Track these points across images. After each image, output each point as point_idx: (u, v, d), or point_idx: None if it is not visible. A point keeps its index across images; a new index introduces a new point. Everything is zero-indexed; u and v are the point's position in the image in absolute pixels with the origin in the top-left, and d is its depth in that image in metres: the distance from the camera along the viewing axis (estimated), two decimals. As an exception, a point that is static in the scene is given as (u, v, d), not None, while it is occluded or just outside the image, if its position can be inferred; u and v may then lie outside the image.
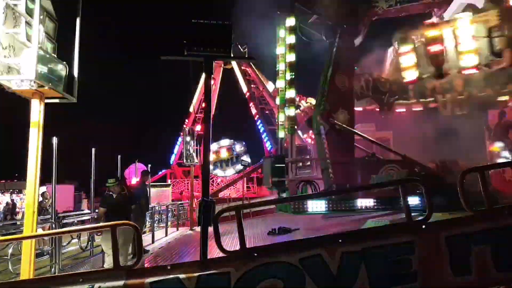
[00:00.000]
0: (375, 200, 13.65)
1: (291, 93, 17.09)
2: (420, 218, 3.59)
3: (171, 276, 3.29)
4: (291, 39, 17.06)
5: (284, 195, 16.67)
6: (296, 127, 19.18)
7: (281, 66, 18.54)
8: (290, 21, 17.01)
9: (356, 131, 16.94)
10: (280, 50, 18.43)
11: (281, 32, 18.21)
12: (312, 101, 26.79)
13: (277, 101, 18.80)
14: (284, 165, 16.03)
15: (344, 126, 15.97)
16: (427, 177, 15.27)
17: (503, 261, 3.35)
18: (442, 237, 3.41)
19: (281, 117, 17.97)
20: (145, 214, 11.84)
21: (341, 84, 16.48)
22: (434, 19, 20.11)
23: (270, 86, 41.94)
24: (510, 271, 3.34)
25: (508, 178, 17.30)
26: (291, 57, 17.12)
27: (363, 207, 13.69)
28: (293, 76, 17.19)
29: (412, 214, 3.60)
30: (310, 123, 18.17)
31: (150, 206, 13.42)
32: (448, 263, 3.36)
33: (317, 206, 13.67)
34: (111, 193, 7.62)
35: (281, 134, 17.93)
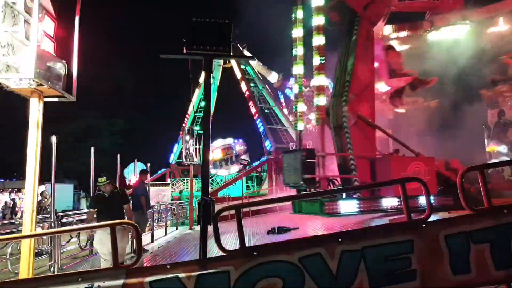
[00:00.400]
0: (398, 199, 13.44)
1: (320, 80, 15.71)
2: (419, 216, 3.60)
3: (171, 275, 3.29)
4: (319, 19, 15.62)
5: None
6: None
7: (299, 51, 17.26)
8: (319, 0, 15.62)
9: (377, 125, 16.29)
10: (297, 32, 16.85)
11: (299, 13, 16.86)
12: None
13: (295, 89, 17.77)
14: (315, 160, 14.99)
15: (369, 120, 15.38)
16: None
17: (502, 259, 3.35)
18: (441, 235, 3.41)
19: (300, 107, 16.96)
20: (147, 212, 11.81)
21: (363, 75, 15.70)
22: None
23: (273, 77, 41.90)
24: (509, 270, 3.35)
25: (507, 177, 17.35)
26: (320, 40, 15.72)
27: (392, 207, 13.51)
28: (323, 61, 15.79)
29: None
30: (327, 115, 16.84)
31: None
32: (448, 262, 3.36)
33: (348, 206, 13.37)
34: (102, 192, 7.26)
35: (300, 126, 16.89)
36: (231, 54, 4.19)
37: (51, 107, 5.10)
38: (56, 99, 5.02)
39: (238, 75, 40.11)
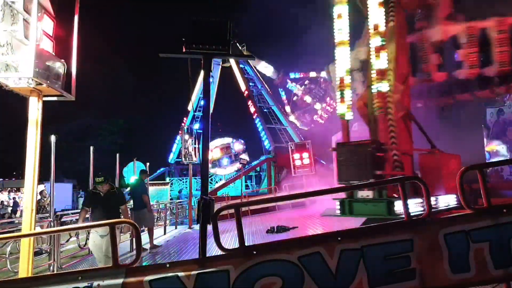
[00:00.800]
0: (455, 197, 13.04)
1: (381, 63, 13.85)
2: (419, 215, 3.60)
3: (170, 274, 3.29)
4: None
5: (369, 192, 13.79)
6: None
7: (341, 26, 15.18)
8: None
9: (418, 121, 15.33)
10: (340, 9, 14.93)
11: None
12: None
13: (340, 72, 15.26)
14: (383, 154, 13.41)
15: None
16: None
17: (501, 258, 3.36)
18: (441, 234, 3.42)
19: (348, 95, 14.95)
20: (151, 210, 11.82)
21: (403, 66, 14.81)
22: None
23: (273, 73, 41.98)
24: (508, 269, 3.35)
25: (506, 177, 17.37)
26: (378, 18, 14.02)
27: (449, 205, 13.07)
28: (385, 42, 14.17)
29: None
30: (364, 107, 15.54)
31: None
32: (447, 261, 3.37)
33: (414, 207, 11.29)
34: (97, 191, 7.11)
35: (349, 115, 15.04)
36: (231, 53, 4.19)
37: (50, 106, 5.11)
38: (55, 98, 5.02)
39: (237, 74, 40.12)
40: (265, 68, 42.00)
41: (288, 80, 43.28)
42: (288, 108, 42.24)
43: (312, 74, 42.36)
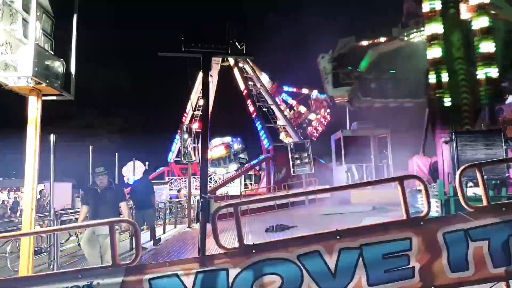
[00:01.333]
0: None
1: (488, 46, 12.91)
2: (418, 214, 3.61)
3: (170, 272, 3.30)
4: None
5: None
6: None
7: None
8: None
9: None
10: None
11: None
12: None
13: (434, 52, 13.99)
14: None
15: None
16: None
17: (500, 257, 3.37)
18: (440, 233, 3.42)
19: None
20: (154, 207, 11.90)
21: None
22: None
23: (266, 82, 42.40)
24: (508, 267, 3.36)
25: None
26: None
27: None
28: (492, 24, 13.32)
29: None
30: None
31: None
32: (446, 259, 3.38)
33: None
34: (95, 187, 6.93)
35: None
36: (229, 52, 4.20)
37: (49, 105, 5.11)
38: (54, 98, 5.02)
39: (236, 73, 40.11)
40: (260, 76, 42.27)
41: (283, 92, 44.09)
42: (287, 112, 42.82)
43: (305, 90, 43.47)
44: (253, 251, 3.40)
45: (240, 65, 40.26)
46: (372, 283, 3.34)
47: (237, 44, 36.46)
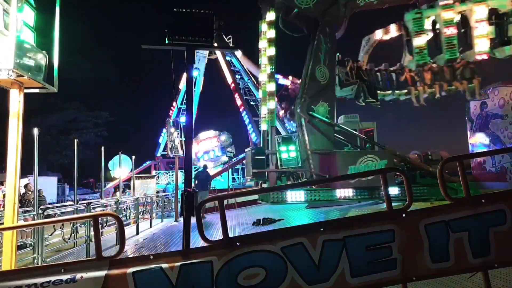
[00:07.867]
0: (354, 190, 13.85)
1: (271, 87, 16.83)
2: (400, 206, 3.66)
3: (154, 265, 3.30)
4: (271, 33, 16.93)
5: (265, 185, 16.42)
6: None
7: (263, 60, 18.48)
8: (271, 16, 16.91)
9: (335, 123, 16.71)
10: (262, 44, 18.09)
11: (263, 26, 18.08)
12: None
13: (260, 94, 18.58)
14: (264, 157, 15.77)
15: (323, 118, 15.92)
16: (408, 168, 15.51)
17: (479, 248, 3.44)
18: (421, 225, 3.48)
19: (264, 110, 17.94)
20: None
21: (322, 77, 16.47)
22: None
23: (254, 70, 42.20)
24: (486, 257, 3.43)
25: (488, 168, 17.66)
26: (271, 51, 16.96)
27: (342, 198, 13.85)
28: (273, 70, 16.93)
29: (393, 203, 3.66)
30: (293, 115, 17.84)
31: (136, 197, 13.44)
32: (427, 250, 3.43)
33: (296, 196, 13.70)
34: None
35: (264, 126, 17.91)
36: (214, 44, 4.18)
37: (33, 98, 5.04)
38: (37, 91, 4.95)
39: (223, 66, 39.96)
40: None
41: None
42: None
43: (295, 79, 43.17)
44: (237, 243, 3.42)
45: (228, 58, 40.09)
46: (355, 275, 3.38)
47: (224, 37, 36.30)
